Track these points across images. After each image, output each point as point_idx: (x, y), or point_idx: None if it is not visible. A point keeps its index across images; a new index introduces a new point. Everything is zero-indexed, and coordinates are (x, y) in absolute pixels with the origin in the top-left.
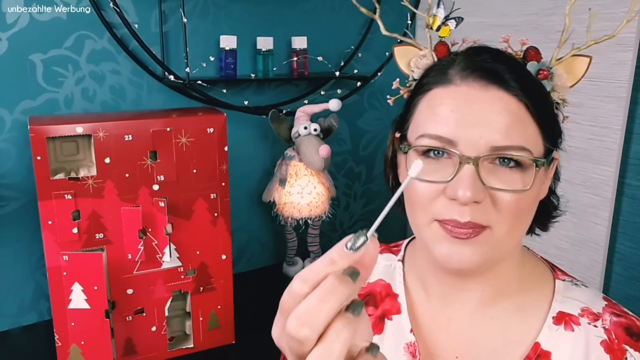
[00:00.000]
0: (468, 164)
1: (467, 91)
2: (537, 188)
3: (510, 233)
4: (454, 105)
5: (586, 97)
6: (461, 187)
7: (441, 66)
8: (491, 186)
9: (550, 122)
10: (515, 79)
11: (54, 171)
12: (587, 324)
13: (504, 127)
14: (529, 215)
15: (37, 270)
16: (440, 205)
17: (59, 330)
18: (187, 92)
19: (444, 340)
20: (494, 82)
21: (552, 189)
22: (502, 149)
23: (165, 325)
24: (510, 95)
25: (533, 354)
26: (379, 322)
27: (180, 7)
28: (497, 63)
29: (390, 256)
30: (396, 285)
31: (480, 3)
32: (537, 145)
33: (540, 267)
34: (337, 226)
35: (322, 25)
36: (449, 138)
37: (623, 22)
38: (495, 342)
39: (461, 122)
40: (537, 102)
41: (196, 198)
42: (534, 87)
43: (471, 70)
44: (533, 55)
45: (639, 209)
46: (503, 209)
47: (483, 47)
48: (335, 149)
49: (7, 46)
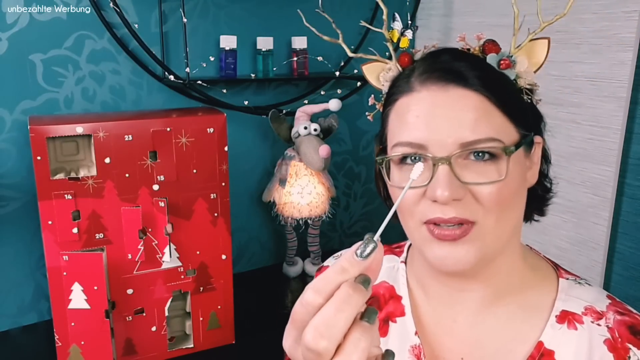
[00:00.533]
0: (442, 165)
1: (428, 94)
2: (518, 175)
3: (499, 224)
4: (419, 110)
5: (586, 97)
6: (439, 188)
7: (404, 76)
8: (467, 181)
9: (518, 109)
10: (475, 74)
11: (54, 171)
12: (590, 323)
13: (470, 123)
14: (517, 204)
15: (37, 270)
16: (425, 207)
17: (59, 330)
18: (187, 92)
19: (448, 342)
20: (452, 81)
21: (545, 172)
22: (471, 144)
23: (165, 325)
24: (471, 91)
25: (537, 352)
26: (383, 325)
27: (180, 7)
28: (455, 62)
29: (393, 257)
30: (400, 287)
31: (480, 3)
32: (508, 133)
33: (543, 265)
34: (337, 226)
35: (322, 25)
36: (419, 142)
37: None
38: (499, 341)
39: (428, 125)
40: (499, 93)
41: (196, 198)
42: (495, 79)
43: (428, 74)
44: (491, 48)
45: (639, 209)
46: (485, 202)
47: (442, 50)
48: (335, 149)
49: (7, 46)
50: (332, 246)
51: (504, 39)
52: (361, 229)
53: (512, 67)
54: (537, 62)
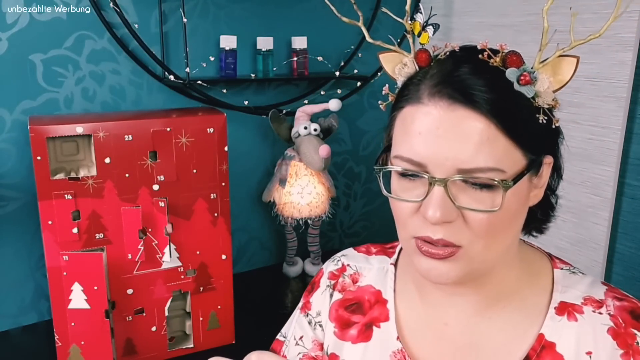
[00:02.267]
0: (437, 185)
1: (434, 111)
2: (515, 204)
3: (487, 249)
4: (422, 126)
5: (586, 97)
6: (431, 208)
7: (416, 80)
8: (461, 206)
9: (529, 133)
10: (486, 97)
11: (54, 171)
12: (592, 312)
13: (471, 150)
14: (509, 230)
15: (37, 270)
16: (417, 222)
17: (59, 330)
18: (187, 92)
19: (440, 346)
20: (460, 101)
21: (553, 187)
22: (468, 172)
23: (165, 325)
24: (478, 114)
25: (538, 345)
26: (365, 330)
27: (180, 7)
28: (472, 77)
29: (384, 259)
30: (386, 290)
31: (480, 3)
32: (513, 160)
33: (537, 259)
34: (337, 226)
35: (322, 25)
36: (418, 161)
37: (609, 20)
38: (496, 342)
39: (429, 145)
40: (510, 117)
41: (196, 198)
42: (508, 100)
43: (439, 88)
44: (513, 61)
45: (639, 209)
46: (475, 228)
47: (461, 58)
48: (335, 149)
49: (7, 46)
50: (332, 246)
51: (504, 39)
52: (361, 229)
53: (532, 84)
54: (562, 80)
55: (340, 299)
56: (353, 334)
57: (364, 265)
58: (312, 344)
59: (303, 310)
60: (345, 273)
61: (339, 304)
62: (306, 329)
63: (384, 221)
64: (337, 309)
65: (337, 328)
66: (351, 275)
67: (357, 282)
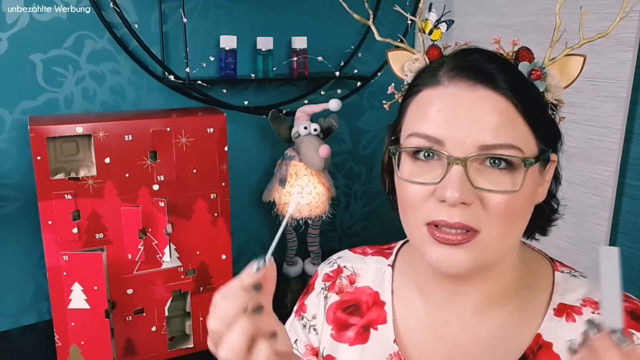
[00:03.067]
0: (457, 165)
1: (455, 92)
2: (530, 190)
3: (502, 236)
4: (442, 105)
5: (586, 97)
6: (449, 188)
7: (431, 68)
8: (480, 187)
9: (542, 122)
10: (505, 78)
11: (54, 171)
12: (590, 314)
13: (492, 126)
14: (522, 219)
15: (37, 270)
16: (430, 207)
17: (59, 330)
18: (187, 92)
19: (439, 346)
20: (481, 81)
21: (553, 192)
22: (490, 148)
23: (165, 325)
24: (499, 95)
25: (535, 344)
26: (363, 332)
27: (180, 7)
28: (487, 63)
29: (381, 259)
30: (384, 292)
31: (480, 3)
32: (529, 144)
33: (538, 261)
34: (337, 226)
35: (322, 25)
36: (437, 138)
37: (616, 19)
38: (494, 341)
39: (449, 122)
40: (527, 101)
41: (196, 198)
42: (524, 87)
43: (458, 70)
44: (525, 56)
45: (639, 209)
46: (492, 211)
47: (474, 49)
48: (335, 149)
49: (7, 46)
50: (332, 246)
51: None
52: (361, 229)
53: (543, 79)
54: (570, 78)
55: (337, 300)
56: (350, 336)
57: (361, 266)
58: (305, 349)
59: (298, 314)
60: (342, 274)
61: (336, 305)
62: (299, 333)
63: (384, 221)
64: (335, 311)
65: (335, 330)
66: (348, 277)
67: (355, 283)
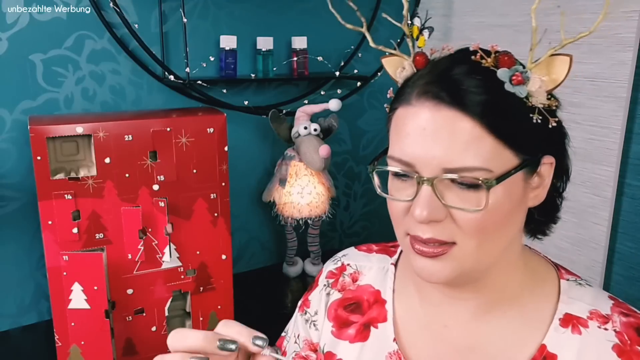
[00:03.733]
0: (426, 185)
1: (421, 112)
2: (507, 202)
3: (480, 247)
4: (410, 126)
5: (586, 97)
6: (418, 207)
7: (411, 82)
8: (448, 204)
9: (522, 132)
10: (474, 98)
11: (54, 171)
12: (597, 328)
13: (456, 149)
14: (504, 230)
15: (37, 270)
16: (408, 221)
17: (59, 330)
18: (187, 92)
19: (438, 348)
20: (445, 102)
21: (560, 190)
22: (454, 171)
23: (165, 325)
24: (464, 114)
25: (539, 355)
26: (363, 330)
27: (180, 7)
28: (465, 77)
29: (385, 258)
30: (386, 290)
31: (480, 3)
32: (502, 160)
33: (543, 267)
34: (337, 226)
35: (322, 25)
36: (407, 161)
37: (599, 17)
38: (495, 347)
39: (416, 145)
40: (499, 117)
41: (196, 198)
42: (497, 101)
43: (427, 88)
44: (505, 62)
45: (639, 209)
46: (464, 227)
47: (457, 59)
48: (335, 149)
49: (7, 46)
50: (332, 246)
51: (504, 38)
52: (361, 229)
53: (525, 84)
54: (556, 79)
55: (339, 298)
56: (351, 334)
57: (364, 263)
58: (303, 344)
59: (301, 309)
60: (345, 272)
61: (338, 303)
62: (300, 328)
63: (384, 221)
64: (336, 309)
65: (335, 327)
66: (351, 274)
67: (357, 281)
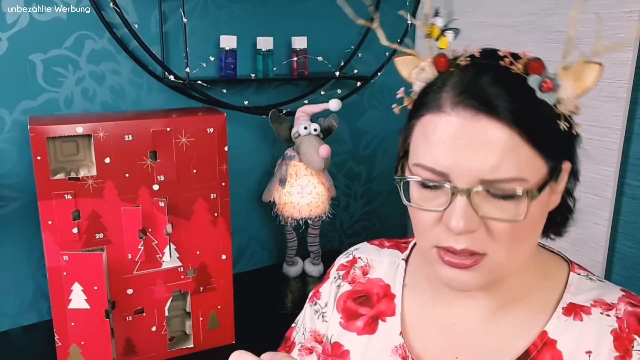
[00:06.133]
0: (461, 195)
1: (457, 121)
2: (538, 211)
3: (510, 257)
4: (445, 135)
5: (586, 97)
6: (454, 218)
7: (436, 86)
8: (485, 215)
9: (551, 140)
10: (509, 106)
11: (54, 171)
12: (599, 314)
13: (493, 160)
14: (531, 237)
15: (37, 270)
16: (438, 232)
17: (59, 330)
18: (187, 92)
19: (444, 343)
20: (483, 111)
21: (570, 191)
22: (491, 183)
23: (165, 325)
24: (502, 124)
25: (540, 341)
26: (371, 323)
27: (180, 7)
28: (495, 86)
29: (397, 253)
30: (395, 285)
31: (480, 3)
32: (536, 168)
33: (553, 262)
34: (337, 226)
35: (322, 25)
36: (441, 170)
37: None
38: (499, 339)
39: (452, 154)
40: (533, 125)
41: (196, 198)
42: (530, 109)
43: (462, 97)
44: (535, 68)
45: (639, 209)
46: (498, 237)
47: (484, 65)
48: (335, 149)
49: (7, 46)
50: (332, 246)
51: (504, 38)
52: (361, 229)
53: (555, 91)
54: (584, 86)
55: (349, 290)
56: (359, 326)
57: (375, 257)
58: (309, 335)
59: (311, 300)
60: (356, 265)
61: (347, 295)
62: (307, 319)
63: (384, 221)
64: (345, 300)
65: (344, 319)
66: (362, 268)
67: (367, 274)
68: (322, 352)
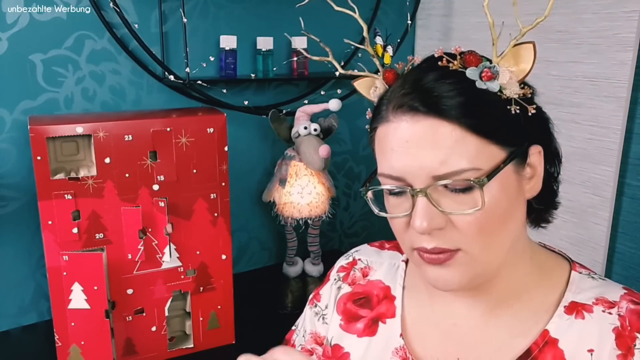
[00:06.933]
0: (420, 196)
1: (400, 126)
2: (505, 197)
3: (485, 250)
4: (393, 142)
5: (586, 97)
6: (417, 218)
7: (385, 100)
8: (446, 211)
9: (503, 125)
10: (448, 102)
11: (54, 171)
12: (601, 312)
13: (441, 155)
14: (505, 227)
15: (37, 270)
16: (411, 235)
17: (59, 330)
18: (187, 92)
19: (445, 345)
20: (421, 111)
21: (554, 175)
22: (442, 177)
23: (165, 325)
24: (443, 121)
25: (541, 340)
26: (372, 325)
27: (180, 7)
28: (436, 84)
29: (397, 255)
30: (395, 287)
31: (480, 3)
32: (490, 156)
33: (552, 260)
34: (337, 226)
35: (322, 25)
36: (397, 175)
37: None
38: (500, 339)
39: (403, 158)
40: (477, 116)
41: (196, 198)
42: (473, 101)
43: (401, 102)
44: (471, 61)
45: (639, 209)
46: (465, 231)
47: (426, 68)
48: (335, 149)
49: (7, 46)
50: (332, 246)
51: (504, 39)
52: (361, 229)
53: (495, 78)
54: (525, 68)
55: (349, 292)
56: (359, 328)
57: (375, 259)
58: (309, 337)
59: (312, 302)
60: (356, 267)
61: (347, 297)
62: (308, 322)
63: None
64: (346, 302)
65: (344, 321)
66: (362, 269)
67: (367, 276)
68: (322, 355)
